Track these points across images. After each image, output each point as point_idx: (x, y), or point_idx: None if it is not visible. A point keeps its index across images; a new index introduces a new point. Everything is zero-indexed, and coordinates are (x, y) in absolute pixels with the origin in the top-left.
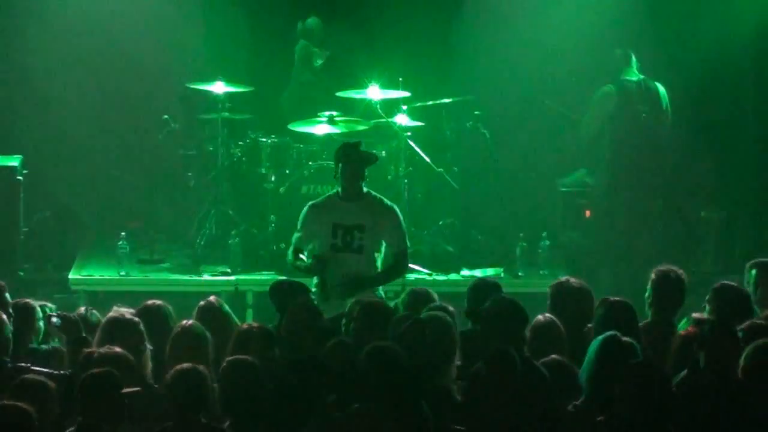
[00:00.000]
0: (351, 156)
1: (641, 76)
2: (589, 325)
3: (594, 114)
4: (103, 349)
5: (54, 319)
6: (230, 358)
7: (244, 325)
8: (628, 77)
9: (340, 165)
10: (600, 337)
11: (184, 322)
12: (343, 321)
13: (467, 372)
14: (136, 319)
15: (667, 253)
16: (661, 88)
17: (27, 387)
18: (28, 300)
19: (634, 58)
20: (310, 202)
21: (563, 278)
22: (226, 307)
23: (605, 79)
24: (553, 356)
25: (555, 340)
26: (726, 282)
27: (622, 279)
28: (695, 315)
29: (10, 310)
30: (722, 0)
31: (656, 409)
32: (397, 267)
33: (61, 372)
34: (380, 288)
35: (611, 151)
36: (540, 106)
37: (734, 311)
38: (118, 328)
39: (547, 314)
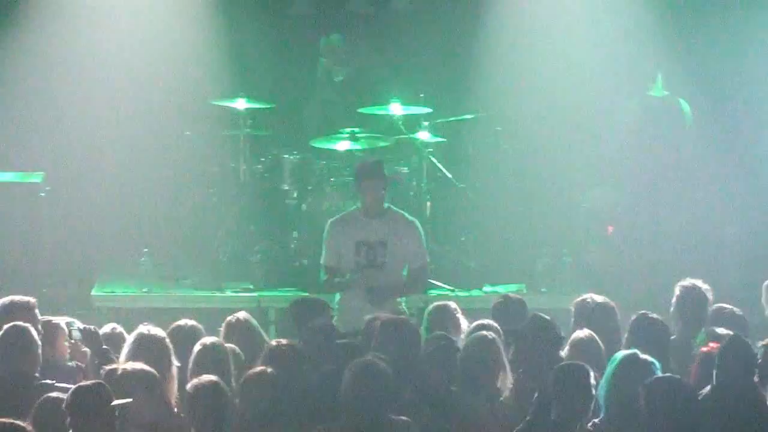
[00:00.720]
0: (372, 175)
1: (666, 93)
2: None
3: (617, 130)
4: (127, 366)
5: (75, 332)
6: (250, 372)
7: (273, 342)
8: (652, 94)
9: (361, 183)
10: (619, 355)
11: (206, 339)
12: (359, 337)
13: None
14: (163, 334)
15: (690, 269)
16: (685, 105)
17: (50, 404)
18: (53, 318)
19: (659, 75)
20: (330, 220)
21: (586, 295)
22: (255, 323)
23: (629, 95)
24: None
25: (594, 356)
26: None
27: (645, 295)
28: (718, 330)
29: (39, 327)
30: (747, 18)
31: (682, 425)
32: (418, 281)
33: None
34: (403, 303)
35: (634, 168)
36: (563, 121)
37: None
38: (145, 344)
39: (586, 329)
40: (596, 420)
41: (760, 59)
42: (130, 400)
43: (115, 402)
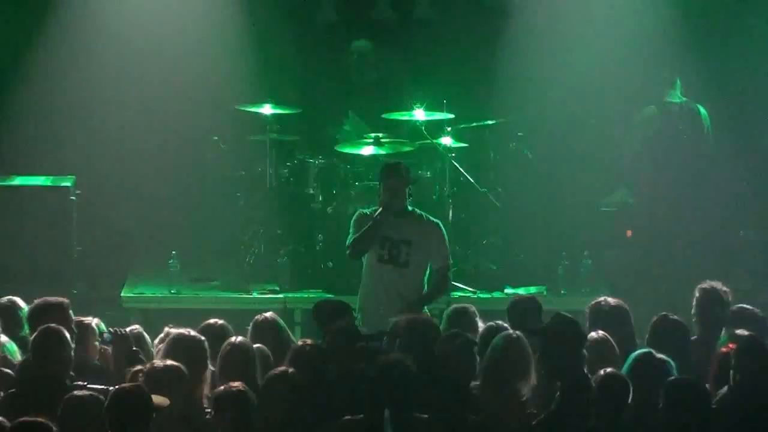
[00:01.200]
0: (392, 174)
1: (684, 99)
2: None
3: (636, 135)
4: (158, 363)
5: (105, 335)
6: (272, 372)
7: (300, 342)
8: (671, 99)
9: (382, 183)
10: (633, 354)
11: (234, 339)
12: (385, 339)
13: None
14: (202, 337)
15: (707, 272)
16: (703, 111)
17: (80, 403)
18: (84, 318)
19: (678, 81)
20: (359, 210)
21: (600, 299)
22: (282, 323)
23: (648, 100)
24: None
25: (608, 357)
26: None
27: (663, 297)
28: (738, 331)
29: (73, 327)
30: (761, 26)
31: (699, 426)
32: (441, 283)
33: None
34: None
35: (653, 172)
36: (583, 126)
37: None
38: (183, 346)
39: (601, 331)
40: None
41: (757, 61)
42: (167, 401)
43: (156, 402)
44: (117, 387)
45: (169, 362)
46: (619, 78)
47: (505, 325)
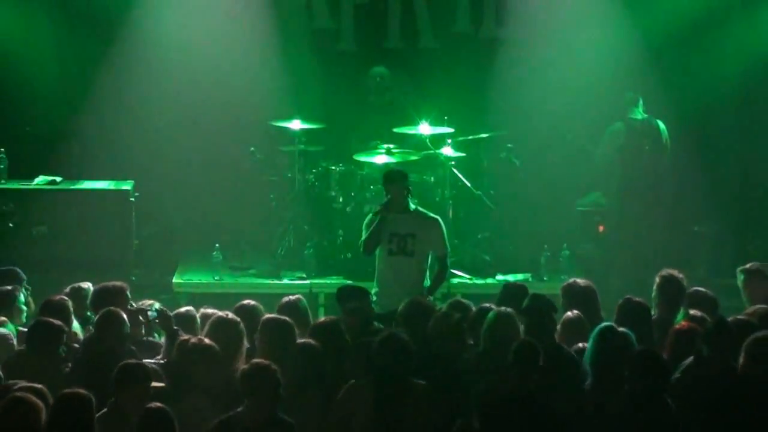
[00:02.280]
0: (395, 179)
1: (646, 115)
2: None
3: (606, 147)
4: (193, 340)
5: (150, 312)
6: (296, 342)
7: (322, 319)
8: (634, 116)
9: (385, 189)
10: (597, 328)
11: (270, 315)
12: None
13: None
14: (238, 319)
15: (667, 262)
16: (662, 125)
17: (131, 371)
18: (142, 301)
19: (641, 100)
20: (370, 213)
21: (571, 280)
22: (305, 303)
23: (615, 117)
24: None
25: (582, 332)
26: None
27: (630, 283)
28: (692, 312)
29: (129, 307)
30: (713, 50)
31: (657, 388)
32: (441, 271)
33: (160, 360)
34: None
35: (621, 178)
36: (562, 139)
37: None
38: (222, 327)
39: (575, 311)
40: (585, 384)
41: (721, 84)
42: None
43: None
44: (123, 363)
45: (205, 341)
46: (592, 98)
47: (492, 305)
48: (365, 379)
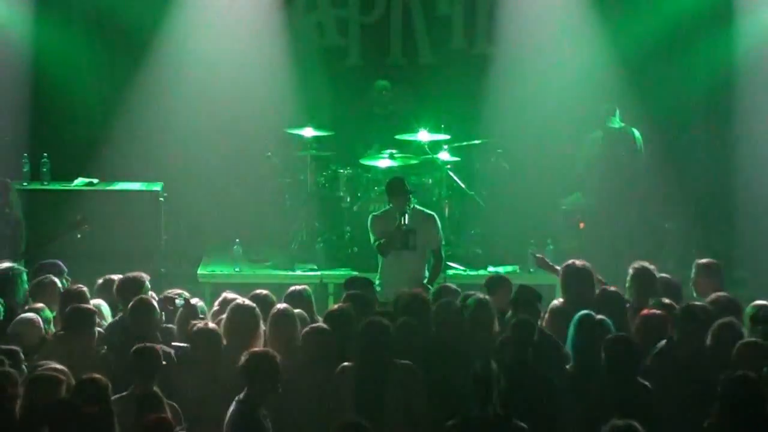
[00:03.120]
0: (398, 192)
1: (622, 124)
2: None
3: (587, 152)
4: (200, 325)
5: (177, 301)
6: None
7: (334, 306)
8: (612, 125)
9: (390, 197)
10: (576, 316)
11: (280, 306)
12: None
13: None
14: (254, 305)
15: (639, 255)
16: (637, 133)
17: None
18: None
19: (617, 110)
20: (371, 215)
21: (569, 261)
22: (309, 292)
23: (595, 126)
24: None
25: (567, 319)
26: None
27: (607, 274)
28: (664, 300)
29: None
30: (682, 65)
31: (629, 371)
32: (437, 263)
33: (182, 345)
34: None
35: (599, 180)
36: (546, 145)
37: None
38: (239, 313)
39: (561, 299)
40: (568, 366)
41: (689, 95)
42: (165, 363)
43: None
44: (137, 346)
45: (211, 325)
46: (574, 109)
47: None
48: (354, 361)
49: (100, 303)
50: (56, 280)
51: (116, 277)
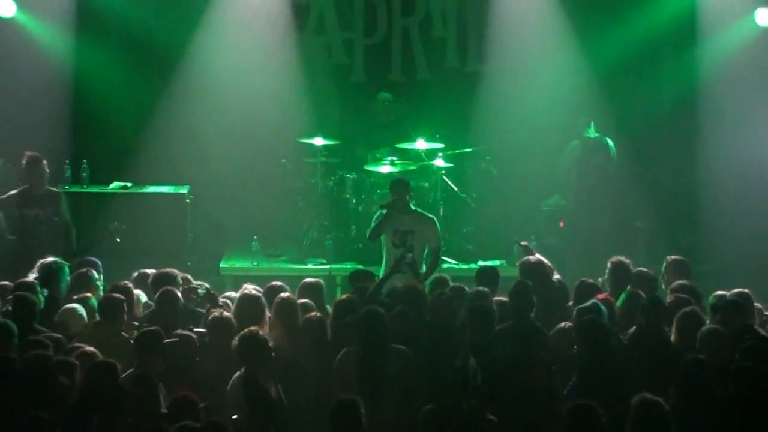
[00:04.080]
0: (398, 188)
1: (597, 135)
2: (569, 303)
3: (565, 159)
4: (215, 314)
5: (200, 290)
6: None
7: (343, 296)
8: (588, 135)
9: (391, 193)
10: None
11: (283, 294)
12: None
13: None
14: (260, 295)
15: (613, 251)
16: (610, 142)
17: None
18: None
19: (592, 122)
20: (379, 211)
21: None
22: (321, 284)
23: (573, 136)
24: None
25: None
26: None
27: (584, 268)
28: (635, 290)
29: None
30: (651, 81)
31: (597, 355)
32: (434, 261)
33: (202, 330)
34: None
35: (576, 184)
36: (530, 152)
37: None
38: (248, 302)
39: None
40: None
41: (657, 105)
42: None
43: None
44: (143, 329)
45: (226, 314)
46: (555, 120)
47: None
48: (354, 346)
49: (139, 293)
50: (95, 272)
51: (150, 271)
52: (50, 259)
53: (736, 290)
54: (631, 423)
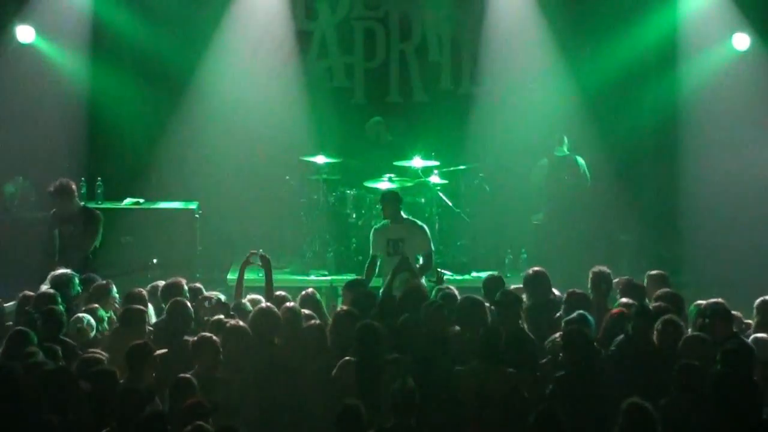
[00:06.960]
0: (386, 199)
1: (567, 153)
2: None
3: (535, 177)
4: (232, 323)
5: (213, 299)
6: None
7: (343, 308)
8: (557, 153)
9: (381, 206)
10: (568, 318)
11: (288, 304)
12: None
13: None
14: (275, 309)
15: (598, 261)
16: (580, 160)
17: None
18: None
19: (566, 140)
20: (373, 228)
21: (529, 270)
22: (318, 295)
23: (543, 154)
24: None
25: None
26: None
27: (571, 278)
28: (623, 300)
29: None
30: (635, 101)
31: (584, 360)
32: (426, 263)
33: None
34: (425, 280)
35: (546, 200)
36: (518, 170)
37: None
38: (264, 314)
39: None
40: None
41: (640, 124)
42: (166, 350)
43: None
44: (136, 343)
45: (240, 323)
46: (544, 139)
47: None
48: (352, 356)
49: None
50: (110, 283)
51: (161, 283)
52: (61, 269)
53: (713, 300)
54: (620, 427)
